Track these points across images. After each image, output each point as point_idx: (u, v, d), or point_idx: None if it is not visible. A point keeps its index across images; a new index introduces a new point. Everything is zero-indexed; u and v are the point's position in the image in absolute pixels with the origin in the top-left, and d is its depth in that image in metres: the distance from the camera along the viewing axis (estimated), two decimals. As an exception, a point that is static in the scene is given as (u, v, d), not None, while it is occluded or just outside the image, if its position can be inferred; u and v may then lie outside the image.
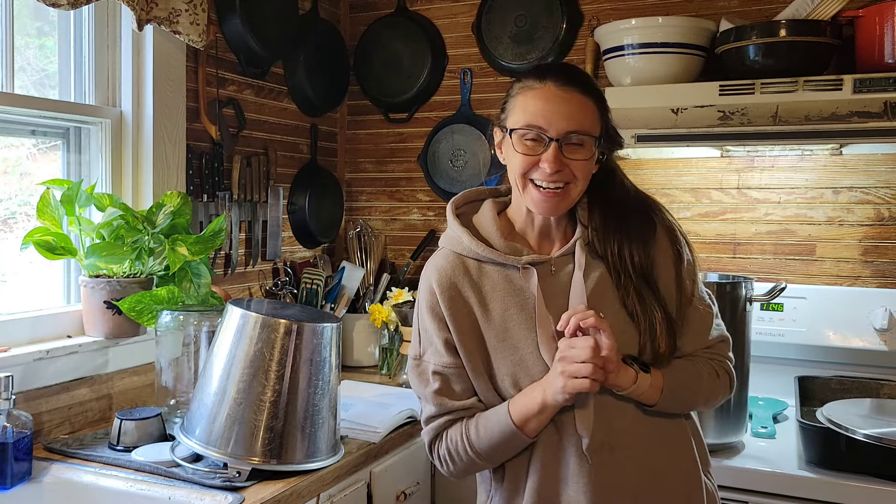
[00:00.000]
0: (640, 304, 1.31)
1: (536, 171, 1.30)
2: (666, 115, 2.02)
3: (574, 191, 1.32)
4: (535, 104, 1.30)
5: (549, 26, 2.50)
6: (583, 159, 1.29)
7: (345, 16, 2.83)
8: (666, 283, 1.35)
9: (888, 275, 2.20)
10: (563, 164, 1.28)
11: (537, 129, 1.29)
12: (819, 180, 2.27)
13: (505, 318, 1.34)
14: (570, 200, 1.33)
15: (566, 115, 1.28)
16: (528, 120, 1.30)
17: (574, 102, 1.29)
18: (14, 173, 1.92)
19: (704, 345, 1.38)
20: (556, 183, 1.29)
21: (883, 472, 1.69)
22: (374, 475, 1.80)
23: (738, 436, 1.93)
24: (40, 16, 1.92)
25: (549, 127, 1.28)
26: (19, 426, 1.53)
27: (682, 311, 1.35)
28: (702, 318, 1.38)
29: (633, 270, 1.32)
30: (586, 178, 1.32)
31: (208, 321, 1.78)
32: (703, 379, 1.35)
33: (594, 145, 1.30)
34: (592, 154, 1.31)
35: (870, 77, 1.84)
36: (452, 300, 1.36)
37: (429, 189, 2.75)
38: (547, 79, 1.31)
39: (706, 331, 1.38)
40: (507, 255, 1.35)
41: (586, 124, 1.29)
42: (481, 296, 1.36)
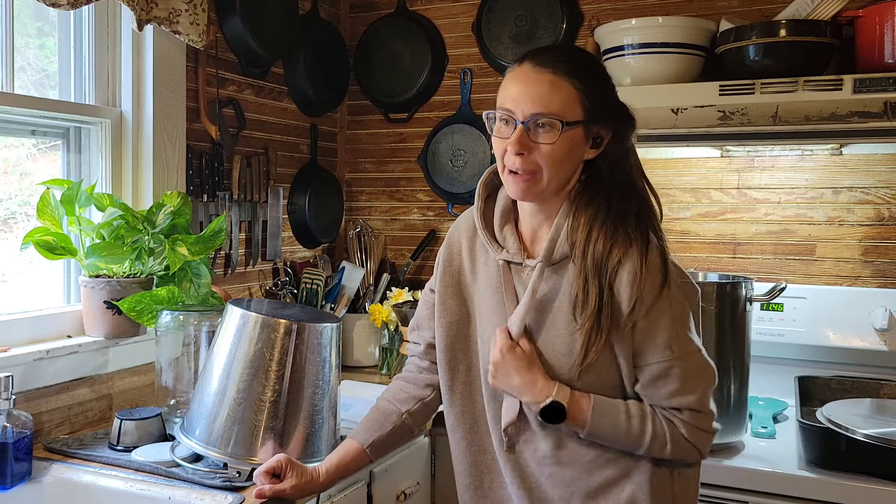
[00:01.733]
0: (581, 291, 1.24)
1: (507, 156, 1.27)
2: (666, 115, 2.02)
3: (544, 177, 1.25)
4: (508, 86, 1.28)
5: (549, 26, 2.50)
6: (548, 143, 1.23)
7: (345, 16, 2.83)
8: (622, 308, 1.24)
9: (888, 275, 2.20)
10: (527, 148, 1.24)
11: (507, 113, 1.26)
12: (819, 180, 2.27)
13: (485, 292, 1.39)
14: (541, 187, 1.26)
15: (532, 97, 1.23)
16: (501, 102, 1.28)
17: (544, 84, 1.23)
18: (14, 173, 1.92)
19: (664, 404, 1.26)
20: (524, 167, 1.25)
21: (883, 472, 1.69)
22: (374, 475, 1.80)
23: (738, 436, 1.93)
24: (40, 16, 1.92)
25: (517, 109, 1.24)
26: (19, 426, 1.53)
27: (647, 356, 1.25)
28: (663, 375, 1.25)
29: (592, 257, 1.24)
30: (556, 163, 1.25)
31: (208, 321, 1.78)
32: (644, 431, 1.25)
33: (561, 128, 1.22)
34: (563, 138, 1.23)
35: (870, 77, 1.84)
36: (450, 257, 1.46)
37: (429, 189, 2.75)
38: (525, 60, 1.27)
39: (672, 390, 1.25)
40: (492, 243, 1.37)
41: (554, 106, 1.22)
42: (475, 265, 1.41)
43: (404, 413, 1.50)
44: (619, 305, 1.23)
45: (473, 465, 1.42)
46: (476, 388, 1.41)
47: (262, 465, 1.43)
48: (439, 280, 1.46)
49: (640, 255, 1.24)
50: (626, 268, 1.23)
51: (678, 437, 1.26)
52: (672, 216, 2.42)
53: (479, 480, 1.42)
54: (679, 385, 1.25)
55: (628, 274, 1.23)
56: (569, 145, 1.25)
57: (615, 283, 1.24)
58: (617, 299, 1.24)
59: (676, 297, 1.26)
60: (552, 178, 1.26)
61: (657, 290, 1.24)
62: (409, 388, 1.53)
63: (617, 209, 1.27)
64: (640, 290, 1.22)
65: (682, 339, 1.26)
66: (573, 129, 1.24)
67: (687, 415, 1.26)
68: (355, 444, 1.48)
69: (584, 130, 1.26)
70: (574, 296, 1.26)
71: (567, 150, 1.25)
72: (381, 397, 1.55)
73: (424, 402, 1.52)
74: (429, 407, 1.53)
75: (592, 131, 1.27)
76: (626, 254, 1.24)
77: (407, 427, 1.51)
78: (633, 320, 1.23)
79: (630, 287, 1.23)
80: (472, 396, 1.42)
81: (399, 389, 1.54)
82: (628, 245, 1.24)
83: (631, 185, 1.32)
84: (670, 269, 1.26)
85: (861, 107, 1.86)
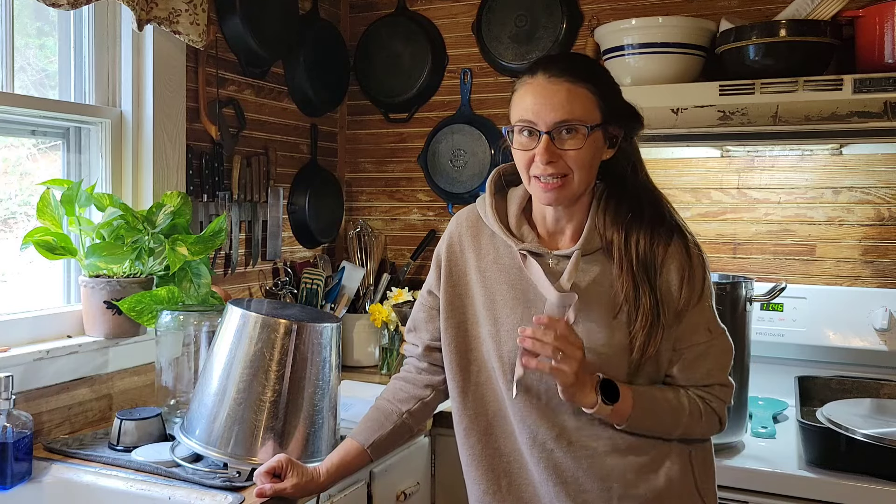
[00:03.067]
0: (633, 291, 1.30)
1: (534, 166, 1.30)
2: (666, 115, 2.02)
3: (574, 180, 1.30)
4: (526, 99, 1.30)
5: (549, 26, 2.50)
6: (575, 149, 1.28)
7: (345, 16, 2.83)
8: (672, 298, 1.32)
9: (888, 275, 2.20)
10: (556, 156, 1.28)
11: (529, 124, 1.29)
12: (819, 180, 2.27)
13: (496, 290, 1.39)
14: (573, 190, 1.31)
15: (554, 106, 1.27)
16: (521, 115, 1.31)
17: (562, 92, 1.28)
18: (14, 173, 1.92)
19: (700, 382, 1.36)
20: (553, 175, 1.29)
21: (883, 472, 1.69)
22: (374, 475, 1.80)
23: (738, 436, 1.93)
24: (40, 16, 1.92)
25: (539, 120, 1.28)
26: (19, 426, 1.53)
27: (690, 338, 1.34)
28: (703, 354, 1.35)
29: (636, 258, 1.31)
30: (585, 166, 1.30)
31: (208, 321, 1.78)
32: (682, 416, 1.33)
33: (587, 133, 1.27)
34: (588, 142, 1.28)
35: (870, 77, 1.84)
36: (452, 255, 1.46)
37: (429, 189, 2.75)
38: (538, 72, 1.31)
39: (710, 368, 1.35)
40: (510, 235, 1.39)
41: (577, 112, 1.27)
42: (482, 262, 1.42)
43: (405, 413, 1.50)
44: (671, 299, 1.31)
45: (490, 470, 1.41)
46: (489, 389, 1.41)
47: (263, 465, 1.44)
48: (444, 281, 1.46)
49: (682, 250, 1.33)
50: (673, 264, 1.32)
51: (709, 412, 1.34)
52: (672, 216, 2.42)
53: (496, 485, 1.41)
54: (713, 363, 1.35)
55: (676, 270, 1.32)
56: (594, 148, 1.30)
57: (664, 278, 1.31)
58: (668, 294, 1.31)
59: (710, 281, 1.37)
60: (581, 182, 1.31)
61: (701, 281, 1.34)
62: (409, 388, 1.53)
63: (651, 208, 1.35)
64: (689, 283, 1.32)
65: (716, 321, 1.36)
66: (595, 133, 1.29)
67: (717, 389, 1.35)
68: (356, 443, 1.48)
69: (602, 132, 1.31)
70: (622, 295, 1.30)
71: (592, 153, 1.30)
72: (380, 397, 1.55)
73: (424, 402, 1.52)
74: (428, 407, 1.53)
75: (609, 132, 1.32)
76: (669, 251, 1.32)
77: (407, 427, 1.51)
78: (686, 311, 1.32)
79: (680, 281, 1.31)
80: (485, 398, 1.41)
81: (399, 389, 1.54)
82: (669, 242, 1.33)
83: (650, 182, 1.40)
84: (706, 259, 1.37)
85: (861, 107, 1.86)
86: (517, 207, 1.42)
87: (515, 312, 1.36)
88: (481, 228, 1.45)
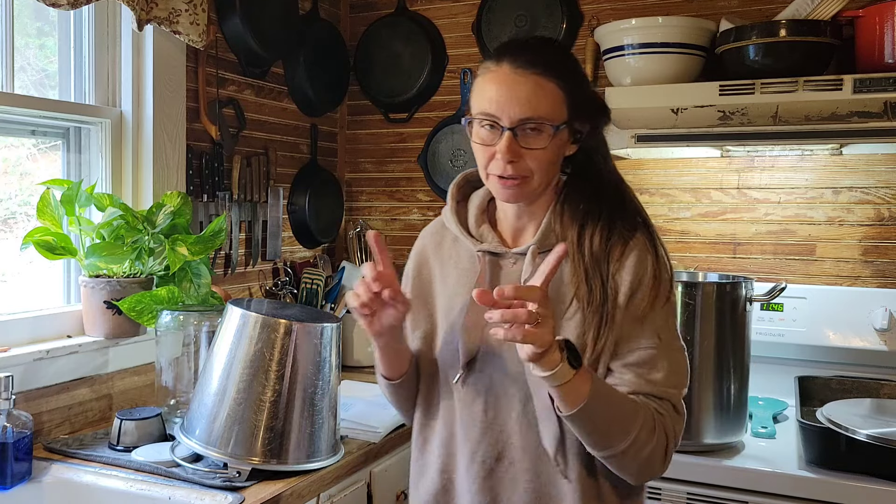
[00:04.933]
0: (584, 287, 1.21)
1: (494, 164, 1.21)
2: (666, 115, 2.02)
3: (535, 180, 1.22)
4: (489, 89, 1.20)
5: (549, 26, 2.50)
6: (539, 148, 1.19)
7: (345, 16, 2.83)
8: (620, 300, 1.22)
9: (888, 275, 2.20)
10: (517, 155, 1.19)
11: (490, 118, 1.19)
12: (819, 180, 2.27)
13: (454, 296, 1.32)
14: (532, 188, 1.23)
15: (520, 100, 1.17)
16: (482, 107, 1.20)
17: (530, 86, 1.17)
18: (14, 173, 1.92)
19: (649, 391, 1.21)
20: (515, 173, 1.20)
21: (883, 472, 1.69)
22: (373, 475, 1.80)
23: (738, 436, 1.93)
24: (40, 16, 1.92)
25: (502, 115, 1.18)
26: (19, 426, 1.53)
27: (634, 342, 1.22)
28: (649, 361, 1.21)
29: (590, 254, 1.22)
30: (546, 167, 1.22)
31: (208, 321, 1.78)
32: (636, 418, 1.17)
33: (553, 133, 1.18)
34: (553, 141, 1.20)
35: (870, 77, 1.83)
36: (419, 267, 1.42)
37: (429, 189, 2.75)
38: (503, 59, 1.20)
39: (656, 377, 1.21)
40: (470, 238, 1.32)
41: (543, 110, 1.18)
42: (445, 270, 1.36)
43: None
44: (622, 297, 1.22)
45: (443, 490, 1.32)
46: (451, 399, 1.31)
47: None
48: (410, 293, 1.38)
49: (643, 249, 1.24)
50: (629, 261, 1.23)
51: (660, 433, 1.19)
52: (672, 216, 2.42)
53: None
54: (664, 375, 1.21)
55: (632, 267, 1.22)
56: (558, 147, 1.22)
57: (617, 275, 1.22)
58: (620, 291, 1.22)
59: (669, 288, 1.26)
60: (542, 181, 1.23)
61: (658, 283, 1.23)
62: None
63: (613, 204, 1.27)
64: (644, 282, 1.22)
65: (671, 331, 1.25)
66: (561, 130, 1.21)
67: (669, 408, 1.22)
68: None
69: (568, 129, 1.23)
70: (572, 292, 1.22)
71: (556, 152, 1.23)
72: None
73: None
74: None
75: (574, 128, 1.24)
76: (628, 248, 1.23)
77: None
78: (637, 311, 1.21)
79: (634, 279, 1.22)
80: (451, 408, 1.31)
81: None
82: (629, 239, 1.24)
83: (614, 174, 1.31)
84: (670, 263, 1.27)
85: (861, 107, 1.86)
86: (477, 209, 1.36)
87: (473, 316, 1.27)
88: (444, 236, 1.39)
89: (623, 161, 2.44)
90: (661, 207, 2.42)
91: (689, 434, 1.86)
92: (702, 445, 1.87)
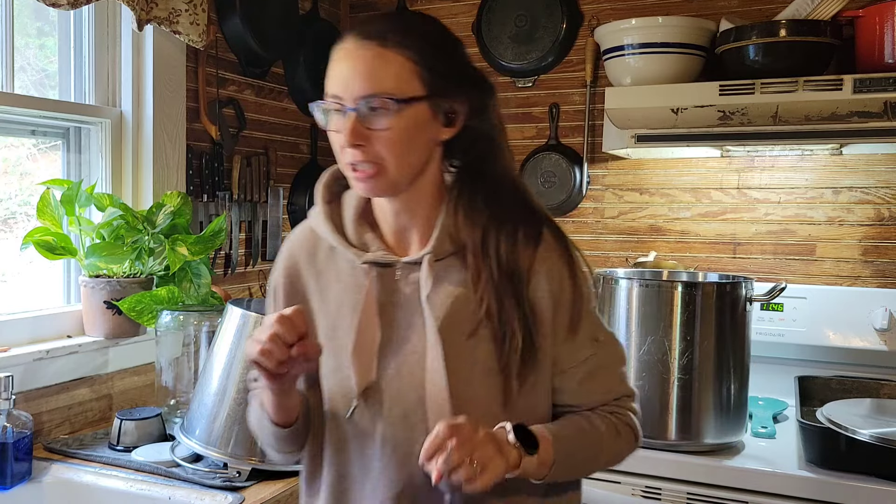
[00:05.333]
0: (495, 305, 1.06)
1: (345, 151, 1.06)
2: (666, 115, 2.02)
3: (391, 168, 1.05)
4: (333, 68, 1.08)
5: (549, 26, 2.50)
6: (383, 129, 1.03)
7: (345, 16, 2.83)
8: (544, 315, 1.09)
9: (888, 275, 2.20)
10: (363, 138, 1.03)
11: (336, 100, 1.06)
12: (819, 180, 2.27)
13: (337, 316, 1.13)
14: (391, 179, 1.06)
15: (361, 75, 1.03)
16: (328, 88, 1.08)
17: (370, 59, 1.03)
18: (14, 173, 1.92)
19: (606, 399, 1.15)
20: (364, 161, 1.05)
21: (883, 472, 1.69)
22: (374, 475, 1.80)
23: (738, 436, 1.93)
24: (40, 16, 1.92)
25: (345, 94, 1.04)
26: (19, 426, 1.53)
27: (575, 355, 1.12)
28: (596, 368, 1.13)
29: (497, 264, 1.07)
30: (401, 152, 1.05)
31: (208, 321, 1.78)
32: (604, 440, 1.11)
33: (396, 108, 1.02)
34: (401, 120, 1.03)
35: (870, 77, 1.84)
36: (291, 282, 1.19)
37: (429, 189, 2.75)
38: (350, 34, 1.07)
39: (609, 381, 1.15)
40: (350, 246, 1.14)
41: (386, 84, 1.02)
42: (321, 283, 1.16)
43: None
44: (545, 313, 1.09)
45: None
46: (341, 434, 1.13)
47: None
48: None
49: (554, 251, 1.11)
50: (543, 269, 1.09)
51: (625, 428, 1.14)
52: (672, 216, 2.42)
53: None
54: (610, 376, 1.15)
55: (548, 275, 1.09)
56: (411, 127, 1.05)
57: (534, 287, 1.09)
58: (541, 307, 1.09)
59: (587, 281, 1.14)
60: (400, 168, 1.06)
61: (580, 285, 1.12)
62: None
63: (514, 201, 1.12)
64: (565, 290, 1.10)
65: (601, 327, 1.16)
66: (412, 108, 1.04)
67: (625, 401, 1.16)
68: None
69: (429, 107, 1.06)
70: (482, 310, 1.07)
71: (411, 133, 1.05)
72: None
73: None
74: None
75: (442, 106, 1.07)
76: (538, 253, 1.10)
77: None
78: (566, 324, 1.10)
79: (554, 289, 1.09)
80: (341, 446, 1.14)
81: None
82: (538, 242, 1.10)
83: (511, 169, 1.16)
84: (582, 256, 1.14)
85: (861, 107, 1.86)
86: (354, 211, 1.16)
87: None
88: (317, 244, 1.18)
89: (623, 161, 2.45)
90: (661, 207, 2.42)
91: (690, 434, 1.86)
92: (702, 445, 1.87)
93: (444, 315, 1.07)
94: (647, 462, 1.84)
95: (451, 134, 1.10)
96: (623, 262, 2.43)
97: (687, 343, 1.84)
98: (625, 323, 1.90)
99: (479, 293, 1.07)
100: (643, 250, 2.42)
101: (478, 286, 1.07)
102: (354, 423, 1.10)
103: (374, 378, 1.09)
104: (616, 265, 2.43)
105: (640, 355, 1.87)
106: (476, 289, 1.07)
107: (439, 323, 1.07)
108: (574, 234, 2.51)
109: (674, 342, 1.85)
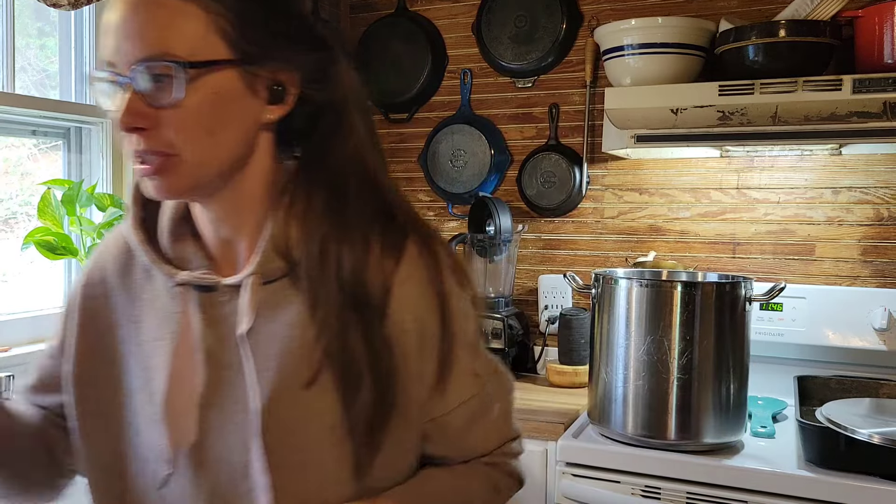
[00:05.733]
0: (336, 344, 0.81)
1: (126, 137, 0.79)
2: (665, 116, 2.03)
3: (187, 159, 0.78)
4: (104, 27, 0.79)
5: (549, 26, 2.51)
6: (169, 105, 0.76)
7: (345, 16, 2.83)
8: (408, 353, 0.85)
9: (888, 275, 2.20)
10: (145, 119, 0.76)
11: (109, 69, 0.78)
12: (818, 180, 2.28)
13: (150, 354, 0.87)
14: (189, 174, 0.79)
15: (136, 32, 0.75)
16: (100, 54, 0.79)
17: (149, 10, 0.76)
18: (15, 173, 1.92)
19: (487, 450, 0.95)
20: (148, 151, 0.78)
21: (883, 472, 1.69)
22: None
23: (737, 435, 1.93)
24: (41, 16, 1.92)
25: (118, 58, 0.77)
26: (20, 426, 1.53)
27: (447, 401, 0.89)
28: (478, 412, 0.92)
29: (339, 289, 0.82)
30: (200, 137, 0.78)
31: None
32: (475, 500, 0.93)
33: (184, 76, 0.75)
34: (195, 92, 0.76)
35: (869, 77, 1.84)
36: (94, 305, 0.92)
37: (429, 189, 2.75)
38: None
39: (490, 429, 0.95)
40: (162, 263, 0.87)
41: (175, 42, 0.75)
42: (137, 310, 0.89)
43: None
44: (409, 354, 0.85)
45: None
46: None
47: None
48: (76, 344, 0.91)
49: (421, 267, 0.85)
50: (406, 293, 0.84)
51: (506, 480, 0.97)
52: (671, 216, 2.42)
53: None
54: (493, 419, 0.95)
55: (414, 302, 0.84)
56: (213, 102, 0.78)
57: (393, 320, 0.83)
58: (404, 345, 0.84)
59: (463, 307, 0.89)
60: (202, 160, 0.79)
61: (445, 313, 0.87)
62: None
63: (359, 203, 0.86)
64: (438, 320, 0.86)
65: (483, 357, 0.94)
66: (212, 76, 0.77)
67: (507, 447, 0.97)
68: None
69: (240, 76, 0.79)
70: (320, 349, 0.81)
71: (213, 112, 0.78)
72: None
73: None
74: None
75: (262, 76, 0.81)
76: (399, 272, 0.84)
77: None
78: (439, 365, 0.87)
79: (413, 312, 0.84)
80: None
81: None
82: (399, 256, 0.85)
83: (363, 159, 0.88)
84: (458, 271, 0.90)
85: (860, 107, 1.86)
86: (172, 216, 0.90)
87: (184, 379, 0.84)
88: (133, 259, 0.91)
89: (623, 161, 2.45)
90: (661, 207, 2.43)
91: (689, 433, 1.86)
92: (701, 445, 1.87)
93: (272, 356, 0.82)
94: (646, 461, 1.84)
95: (281, 113, 0.83)
96: (623, 262, 2.44)
97: (686, 343, 1.84)
98: (624, 323, 1.90)
99: (315, 327, 0.82)
100: (643, 250, 2.42)
101: (314, 317, 0.82)
102: (163, 497, 0.85)
103: (193, 438, 0.83)
104: (616, 265, 2.44)
105: (640, 355, 1.87)
106: (313, 321, 0.82)
107: (261, 367, 0.81)
108: (574, 234, 2.52)
109: (673, 342, 1.85)
